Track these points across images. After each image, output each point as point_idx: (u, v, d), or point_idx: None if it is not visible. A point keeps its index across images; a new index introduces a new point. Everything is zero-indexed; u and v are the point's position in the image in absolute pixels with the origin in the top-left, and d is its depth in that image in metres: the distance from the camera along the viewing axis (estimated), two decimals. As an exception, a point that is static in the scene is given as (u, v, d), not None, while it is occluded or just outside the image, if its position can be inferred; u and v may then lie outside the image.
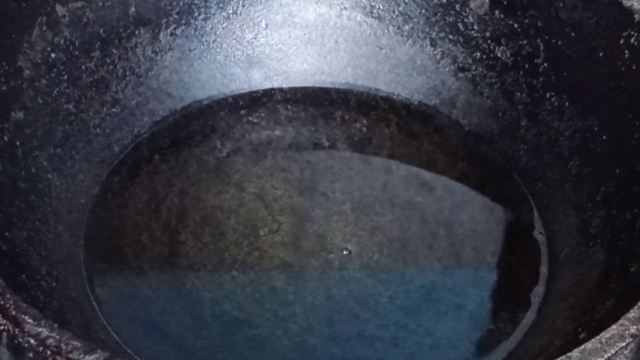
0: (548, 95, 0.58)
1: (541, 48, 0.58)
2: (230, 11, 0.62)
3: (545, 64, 0.58)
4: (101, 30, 0.58)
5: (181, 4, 0.61)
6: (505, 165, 0.59)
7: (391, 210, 0.57)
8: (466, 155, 0.60)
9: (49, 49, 0.55)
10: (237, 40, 0.63)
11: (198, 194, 0.57)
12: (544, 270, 0.54)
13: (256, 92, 0.62)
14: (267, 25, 0.63)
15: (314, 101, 0.63)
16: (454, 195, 0.58)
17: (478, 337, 0.51)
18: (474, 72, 0.61)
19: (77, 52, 0.57)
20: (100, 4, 0.58)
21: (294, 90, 0.63)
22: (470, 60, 0.61)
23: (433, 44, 0.62)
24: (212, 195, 0.57)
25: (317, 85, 0.63)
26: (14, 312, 0.38)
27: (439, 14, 0.61)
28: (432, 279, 0.54)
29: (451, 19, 0.61)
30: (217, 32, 0.62)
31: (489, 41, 0.60)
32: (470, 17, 0.60)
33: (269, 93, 0.62)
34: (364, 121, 0.61)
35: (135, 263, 0.53)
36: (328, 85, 0.63)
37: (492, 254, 0.55)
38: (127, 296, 0.52)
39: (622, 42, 0.53)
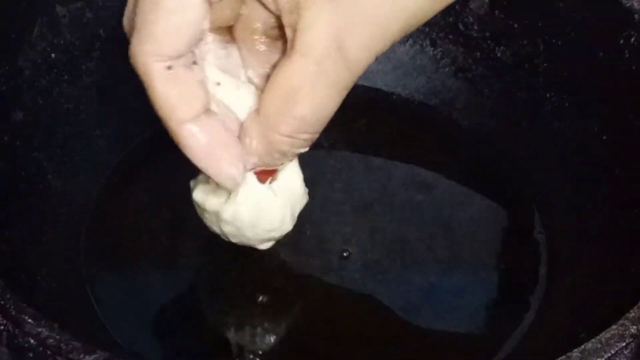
0: (548, 95, 0.58)
1: (541, 48, 0.58)
2: (230, 11, 0.62)
3: (545, 64, 0.58)
4: (101, 31, 0.58)
5: (181, 4, 0.61)
6: (505, 165, 0.59)
7: (391, 210, 0.57)
8: (466, 155, 0.60)
9: (49, 49, 0.55)
10: (237, 41, 0.63)
11: (198, 194, 0.57)
12: (543, 270, 0.54)
13: (256, 92, 0.62)
14: (267, 25, 0.63)
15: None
16: (454, 195, 0.58)
17: (478, 337, 0.51)
18: (474, 72, 0.61)
19: (77, 53, 0.57)
20: (100, 4, 0.58)
21: (294, 90, 0.63)
22: (470, 61, 0.61)
23: (433, 44, 0.62)
24: (212, 195, 0.57)
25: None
26: (14, 312, 0.38)
27: (439, 14, 0.61)
28: (431, 279, 0.54)
29: (451, 19, 0.61)
30: (217, 32, 0.62)
31: (489, 41, 0.60)
32: (470, 17, 0.60)
33: (269, 93, 0.62)
34: (364, 121, 0.61)
35: (135, 263, 0.53)
36: (328, 85, 0.63)
37: (492, 254, 0.55)
38: (127, 296, 0.52)
39: (621, 42, 0.53)
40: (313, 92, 0.38)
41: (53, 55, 0.56)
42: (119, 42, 0.59)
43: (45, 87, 0.55)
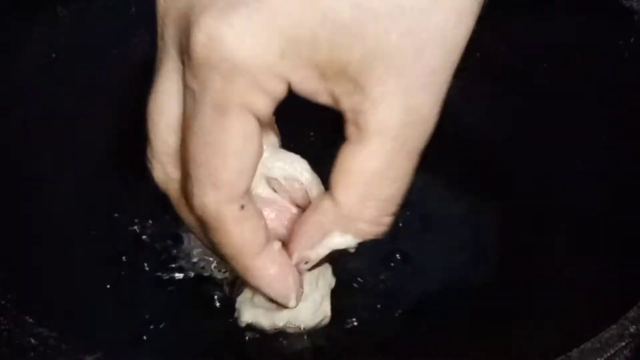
0: (547, 95, 0.58)
1: (540, 49, 0.58)
2: (231, 12, 0.62)
3: (545, 65, 0.58)
4: (102, 31, 0.58)
5: (182, 4, 0.61)
6: (505, 165, 0.59)
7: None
8: (465, 155, 0.60)
9: (49, 49, 0.55)
10: (237, 41, 0.63)
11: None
12: (544, 270, 0.54)
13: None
14: (267, 26, 0.63)
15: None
16: (454, 195, 0.58)
17: (478, 337, 0.51)
18: (473, 73, 0.61)
19: (77, 53, 0.57)
20: (101, 4, 0.58)
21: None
22: (469, 61, 0.61)
23: (433, 44, 0.62)
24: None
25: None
26: (15, 312, 0.38)
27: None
28: (431, 278, 0.54)
29: (451, 20, 0.61)
30: (218, 33, 0.62)
31: (488, 42, 0.60)
32: (469, 17, 0.61)
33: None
34: (364, 121, 0.61)
35: (135, 263, 0.54)
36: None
37: (492, 254, 0.55)
38: (127, 295, 0.52)
39: (621, 42, 0.53)
40: (396, 168, 0.36)
41: (53, 55, 0.56)
42: (118, 42, 0.59)
43: (46, 87, 0.55)
